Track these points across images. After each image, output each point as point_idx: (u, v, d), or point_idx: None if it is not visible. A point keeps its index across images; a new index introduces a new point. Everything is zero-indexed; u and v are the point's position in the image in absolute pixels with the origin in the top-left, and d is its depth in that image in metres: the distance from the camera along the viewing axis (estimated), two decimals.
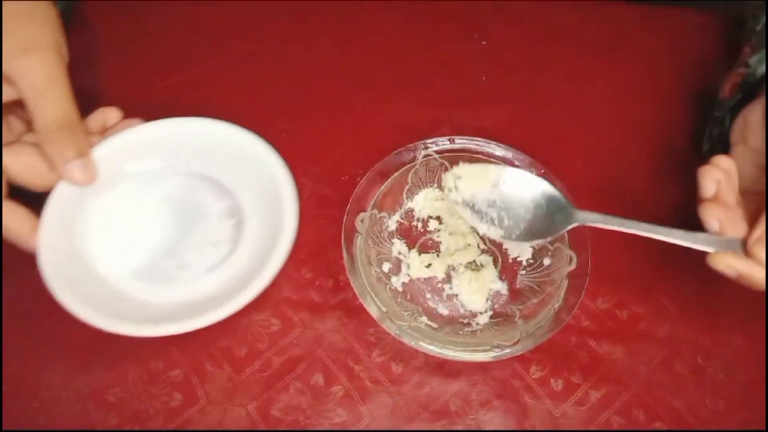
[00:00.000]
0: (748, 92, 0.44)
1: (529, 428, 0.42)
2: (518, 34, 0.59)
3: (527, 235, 0.40)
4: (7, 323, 0.43)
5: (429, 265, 0.46)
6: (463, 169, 0.41)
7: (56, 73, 0.38)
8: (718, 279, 0.47)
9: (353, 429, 0.41)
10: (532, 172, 0.46)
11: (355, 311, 0.44)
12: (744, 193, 0.38)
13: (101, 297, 0.40)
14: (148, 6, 0.58)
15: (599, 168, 0.52)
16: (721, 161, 0.36)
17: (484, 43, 0.58)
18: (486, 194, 0.40)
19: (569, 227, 0.39)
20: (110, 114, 0.43)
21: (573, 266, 0.43)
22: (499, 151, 0.47)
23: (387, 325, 0.40)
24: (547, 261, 0.46)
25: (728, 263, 0.35)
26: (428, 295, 0.45)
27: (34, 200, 0.40)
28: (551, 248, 0.45)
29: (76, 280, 0.40)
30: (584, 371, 0.43)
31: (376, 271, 0.43)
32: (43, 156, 0.39)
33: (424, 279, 0.46)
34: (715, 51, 0.57)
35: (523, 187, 0.40)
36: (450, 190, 0.40)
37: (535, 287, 0.45)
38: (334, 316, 0.44)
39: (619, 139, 0.53)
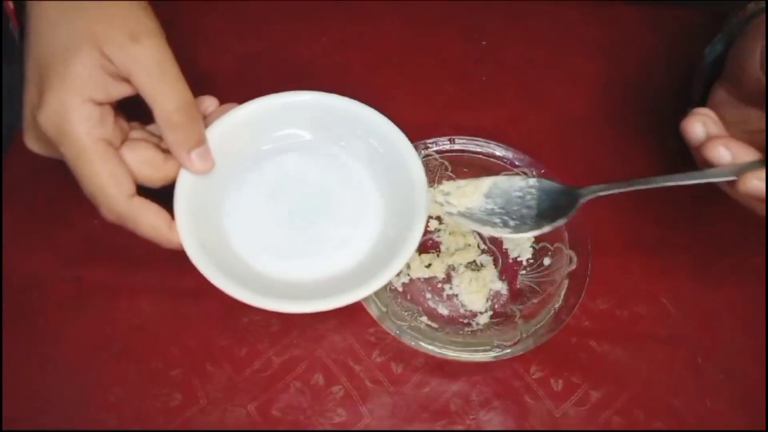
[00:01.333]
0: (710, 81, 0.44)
1: (529, 428, 0.42)
2: (518, 34, 0.59)
3: (541, 224, 0.38)
4: (7, 323, 0.43)
5: (429, 265, 0.46)
6: (449, 185, 0.40)
7: (170, 57, 0.36)
8: (718, 279, 0.47)
9: (353, 429, 0.41)
10: (532, 172, 0.46)
11: (355, 311, 0.44)
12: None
13: (250, 277, 0.39)
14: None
15: (600, 168, 0.52)
16: (699, 110, 0.36)
17: (484, 43, 0.58)
18: (481, 205, 0.40)
19: (579, 205, 0.38)
20: (208, 102, 0.42)
21: (573, 266, 0.43)
22: (499, 151, 0.47)
23: (387, 325, 0.40)
24: (547, 261, 0.46)
25: (758, 181, 0.33)
26: (428, 295, 0.46)
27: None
28: (551, 248, 0.45)
29: (225, 265, 0.38)
30: (584, 371, 0.43)
31: None
32: (157, 149, 0.38)
33: (424, 279, 0.46)
34: None
35: (517, 189, 0.39)
36: (442, 205, 0.40)
37: (536, 287, 0.45)
38: (334, 316, 0.44)
39: (619, 139, 0.53)
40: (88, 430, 0.40)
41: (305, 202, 0.42)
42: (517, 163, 0.47)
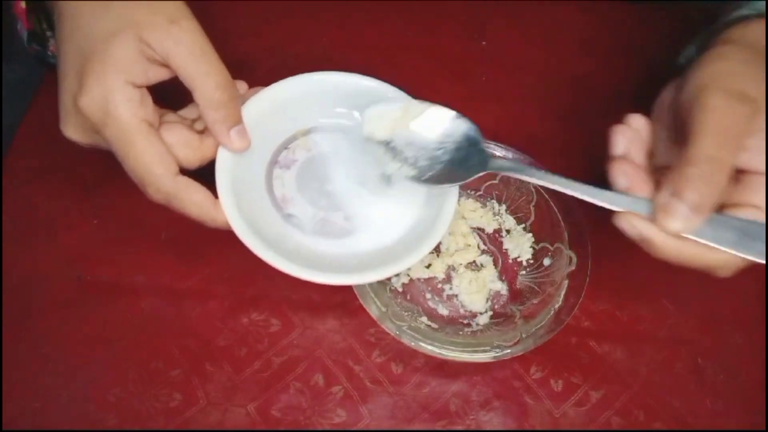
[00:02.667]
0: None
1: (529, 428, 0.42)
2: (518, 34, 0.59)
3: (439, 178, 0.38)
4: (7, 323, 0.43)
5: (429, 266, 0.46)
6: (380, 108, 0.40)
7: (206, 38, 0.37)
8: (718, 279, 0.47)
9: (353, 429, 0.41)
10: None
11: (355, 311, 0.44)
12: (658, 168, 0.37)
13: (296, 254, 0.39)
14: None
15: (600, 168, 0.52)
16: (635, 119, 0.36)
17: (484, 43, 0.58)
18: (405, 133, 0.39)
19: (479, 174, 0.38)
20: (239, 86, 0.42)
21: (573, 266, 0.43)
22: (499, 151, 0.47)
23: (387, 326, 0.40)
24: (547, 261, 0.46)
25: (632, 224, 0.34)
26: (428, 296, 0.46)
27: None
28: (551, 248, 0.45)
29: (272, 241, 0.38)
30: (584, 371, 0.43)
31: None
32: (192, 130, 0.38)
33: (424, 279, 0.46)
34: None
35: (446, 127, 0.39)
36: (363, 125, 0.40)
37: (535, 287, 0.45)
38: (334, 316, 0.44)
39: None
40: (88, 430, 0.40)
41: (346, 177, 0.42)
42: None
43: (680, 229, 0.32)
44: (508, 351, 0.40)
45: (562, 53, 0.58)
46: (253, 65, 0.55)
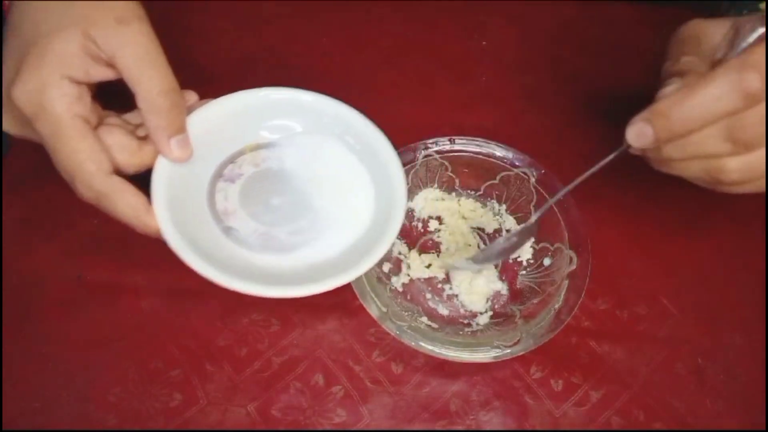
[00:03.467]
0: None
1: (529, 428, 0.42)
2: (518, 34, 0.59)
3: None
4: (7, 323, 0.43)
5: (429, 266, 0.46)
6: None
7: (155, 42, 0.36)
8: (718, 279, 0.47)
9: (353, 429, 0.41)
10: (532, 172, 0.46)
11: (355, 311, 0.44)
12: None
13: (233, 266, 0.38)
14: (147, 6, 0.58)
15: (601, 168, 0.51)
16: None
17: (484, 43, 0.58)
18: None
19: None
20: (188, 96, 0.42)
21: (573, 266, 0.43)
22: (499, 151, 0.47)
23: (387, 326, 0.40)
24: (547, 261, 0.46)
25: (637, 118, 0.34)
26: (428, 296, 0.45)
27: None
28: (551, 248, 0.45)
29: (205, 250, 0.38)
30: (584, 371, 0.43)
31: (376, 271, 0.43)
32: (132, 135, 0.37)
33: (424, 279, 0.46)
34: None
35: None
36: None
37: (536, 287, 0.45)
38: (334, 316, 0.44)
39: (619, 139, 0.53)
40: (88, 430, 0.40)
41: (293, 192, 0.43)
42: (517, 163, 0.47)
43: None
44: (508, 351, 0.40)
45: (562, 53, 0.58)
46: (253, 65, 0.55)
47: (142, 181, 0.38)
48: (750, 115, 0.31)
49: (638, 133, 0.34)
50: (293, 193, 0.43)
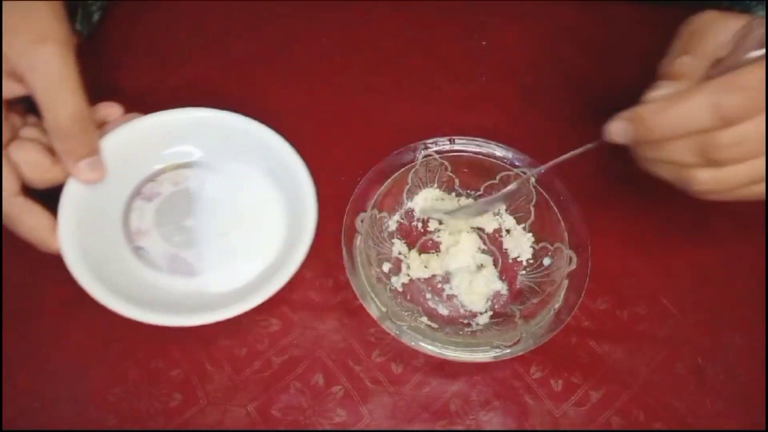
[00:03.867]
0: None
1: (529, 428, 0.42)
2: (518, 34, 0.59)
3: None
4: (7, 323, 0.43)
5: (428, 266, 0.46)
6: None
7: (70, 65, 0.36)
8: (718, 279, 0.47)
9: (353, 429, 0.41)
10: (532, 172, 0.46)
11: (355, 311, 0.44)
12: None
13: (129, 288, 0.39)
14: (150, 5, 0.58)
15: (600, 168, 0.52)
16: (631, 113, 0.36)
17: (484, 43, 0.58)
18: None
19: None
20: (112, 110, 0.42)
21: (573, 266, 0.43)
22: (499, 151, 0.47)
23: (387, 325, 0.40)
24: (547, 261, 0.46)
25: (619, 117, 0.35)
26: (428, 295, 0.45)
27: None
28: (551, 248, 0.45)
29: (103, 274, 0.38)
30: (584, 371, 0.43)
31: (376, 271, 0.43)
32: (46, 151, 0.37)
33: (424, 279, 0.46)
34: None
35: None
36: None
37: (535, 287, 0.45)
38: (334, 316, 0.44)
39: None
40: (88, 430, 0.40)
41: (208, 214, 0.43)
42: (517, 163, 0.47)
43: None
44: (508, 351, 0.40)
45: (562, 53, 0.58)
46: (253, 65, 0.55)
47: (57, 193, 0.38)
48: (723, 135, 0.32)
49: (617, 131, 0.35)
50: (208, 215, 0.43)
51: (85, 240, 0.38)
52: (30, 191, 0.37)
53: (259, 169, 0.45)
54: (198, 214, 0.43)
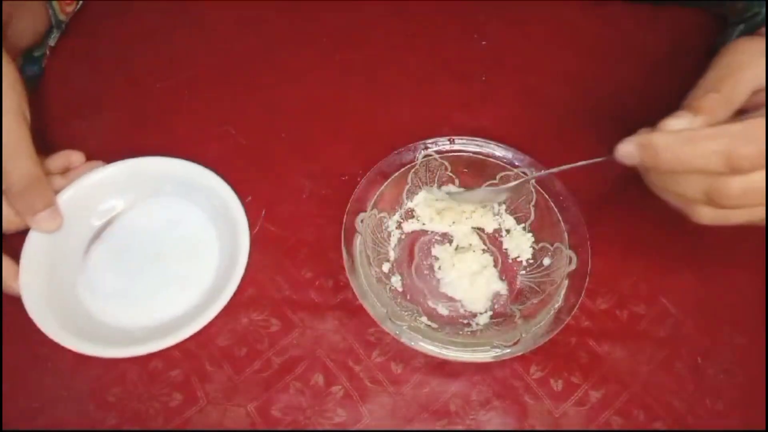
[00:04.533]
0: None
1: (529, 428, 0.42)
2: (518, 34, 0.59)
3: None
4: (7, 323, 0.43)
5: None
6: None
7: (23, 135, 0.40)
8: (718, 279, 0.47)
9: (353, 429, 0.41)
10: (532, 173, 0.46)
11: (355, 311, 0.44)
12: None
13: (82, 325, 0.42)
14: (147, 6, 0.58)
15: (600, 168, 0.52)
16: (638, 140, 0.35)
17: (484, 43, 0.58)
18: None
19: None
20: (74, 157, 0.46)
21: (573, 266, 0.43)
22: (499, 151, 0.47)
23: (387, 326, 0.40)
24: (547, 261, 0.46)
25: (630, 140, 0.35)
26: (428, 296, 0.45)
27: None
28: (551, 248, 0.45)
29: (59, 312, 0.42)
30: (584, 371, 0.43)
31: (376, 272, 0.43)
32: (10, 204, 0.41)
33: (424, 279, 0.46)
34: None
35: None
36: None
37: (535, 287, 0.45)
38: (334, 316, 0.44)
39: (620, 139, 0.53)
40: (88, 430, 0.40)
41: (152, 249, 0.46)
42: (517, 163, 0.47)
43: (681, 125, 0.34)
44: (508, 351, 0.40)
45: (562, 53, 0.58)
46: (254, 65, 0.55)
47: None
48: (731, 184, 0.32)
49: (628, 154, 0.35)
50: (152, 249, 0.46)
51: (46, 285, 0.42)
52: None
53: (195, 208, 0.48)
54: (141, 249, 0.46)
